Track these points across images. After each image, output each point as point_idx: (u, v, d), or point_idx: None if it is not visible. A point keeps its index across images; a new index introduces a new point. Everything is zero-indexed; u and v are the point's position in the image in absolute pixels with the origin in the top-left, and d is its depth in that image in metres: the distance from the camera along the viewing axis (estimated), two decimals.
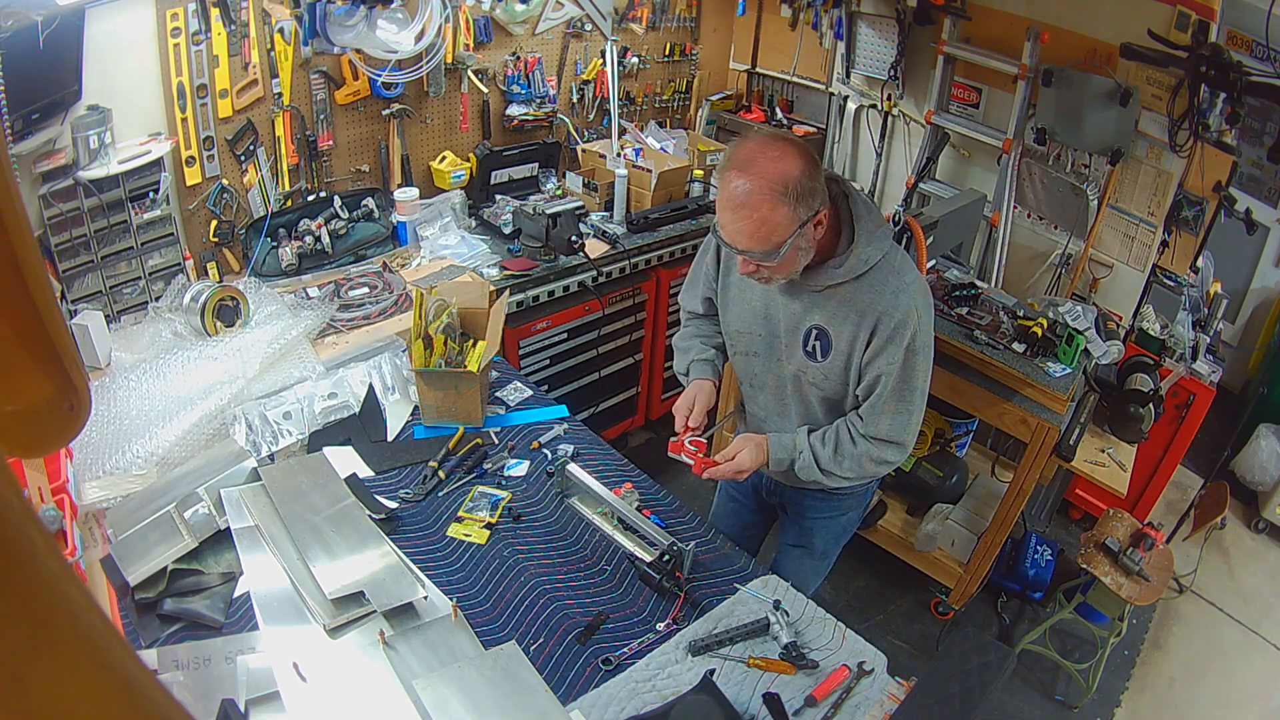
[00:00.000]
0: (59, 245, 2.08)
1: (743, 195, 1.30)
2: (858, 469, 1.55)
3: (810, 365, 1.54)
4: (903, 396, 1.49)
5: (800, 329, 1.51)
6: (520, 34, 3.00)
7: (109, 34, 2.07)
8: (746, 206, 1.30)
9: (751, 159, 1.30)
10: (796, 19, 3.46)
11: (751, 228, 1.32)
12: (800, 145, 1.34)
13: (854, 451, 1.53)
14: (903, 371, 1.46)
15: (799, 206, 1.31)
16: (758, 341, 1.61)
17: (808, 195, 1.31)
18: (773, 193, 1.29)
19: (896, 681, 1.41)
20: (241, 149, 2.46)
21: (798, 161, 1.30)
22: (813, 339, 1.51)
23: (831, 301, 1.47)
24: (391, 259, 2.70)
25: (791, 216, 1.31)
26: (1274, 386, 3.58)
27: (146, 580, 1.44)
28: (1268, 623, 2.95)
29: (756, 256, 1.35)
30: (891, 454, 1.54)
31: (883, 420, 1.50)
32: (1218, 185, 2.71)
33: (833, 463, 1.54)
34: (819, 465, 1.55)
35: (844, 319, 1.46)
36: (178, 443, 1.77)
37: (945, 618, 2.79)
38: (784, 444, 1.57)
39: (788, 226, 1.31)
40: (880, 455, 1.53)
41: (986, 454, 3.20)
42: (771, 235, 1.32)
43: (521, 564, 1.59)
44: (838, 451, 1.54)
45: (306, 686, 1.28)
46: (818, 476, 1.56)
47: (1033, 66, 2.76)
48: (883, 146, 3.43)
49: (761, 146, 1.32)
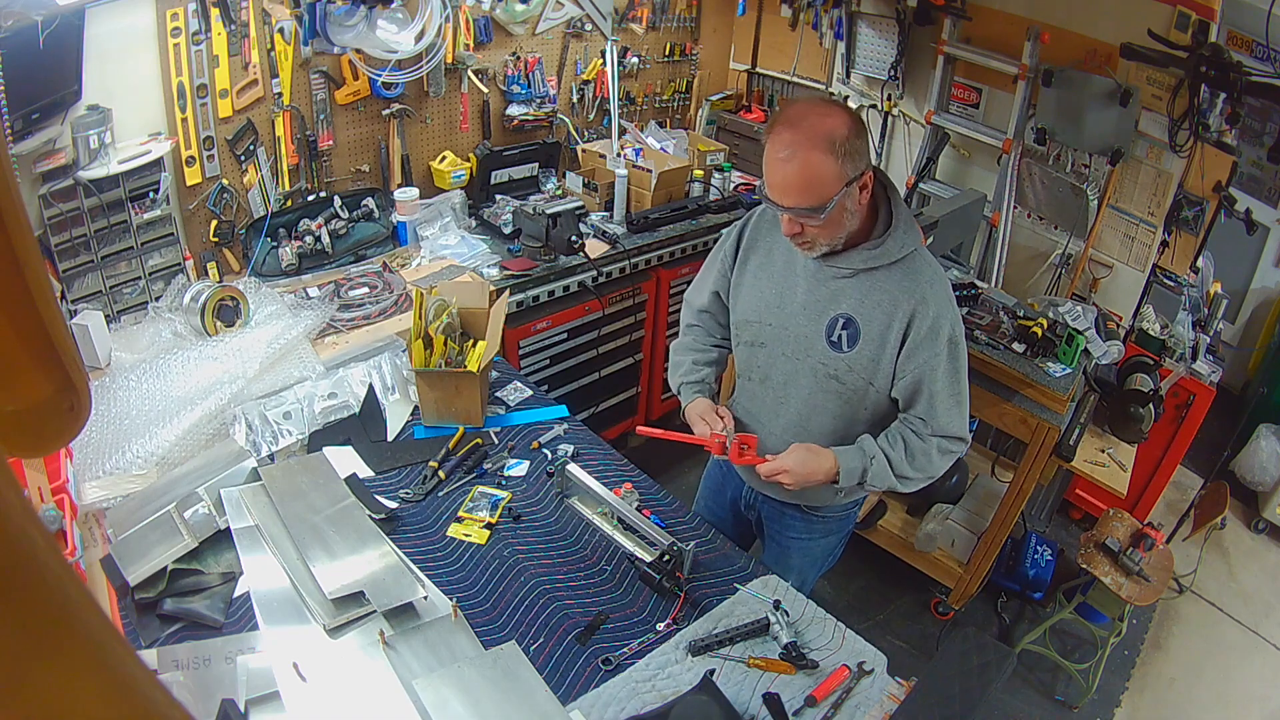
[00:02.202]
0: (59, 245, 2.08)
1: (791, 148, 1.30)
2: (928, 466, 1.53)
3: (834, 356, 1.50)
4: (955, 389, 1.49)
5: (824, 318, 1.49)
6: (520, 34, 3.01)
7: (109, 34, 2.07)
8: (795, 160, 1.30)
9: (802, 115, 1.32)
10: (796, 19, 3.46)
11: (801, 181, 1.31)
12: (845, 106, 1.37)
13: (923, 448, 1.51)
14: (950, 364, 1.46)
15: (846, 163, 1.31)
16: (767, 332, 1.58)
17: (855, 154, 1.31)
18: (820, 146, 1.29)
19: (896, 681, 1.41)
20: (241, 149, 2.46)
21: (845, 119, 1.32)
22: (839, 328, 1.48)
23: (861, 288, 1.45)
24: (391, 259, 2.71)
25: (839, 172, 1.31)
26: (1274, 386, 3.58)
27: (146, 580, 1.44)
28: (1268, 623, 2.95)
29: (804, 212, 1.34)
30: (956, 446, 1.53)
31: (943, 416, 1.49)
32: (1218, 185, 2.71)
33: (906, 464, 1.51)
34: (892, 469, 1.51)
35: (875, 306, 1.45)
36: (178, 443, 1.77)
37: (945, 618, 2.79)
38: (852, 453, 1.52)
39: (835, 181, 1.31)
40: (946, 448, 1.53)
41: (986, 454, 3.20)
42: (819, 188, 1.32)
43: (521, 564, 1.59)
44: (908, 451, 1.51)
45: (306, 686, 1.28)
46: (891, 482, 1.52)
47: (1033, 66, 2.77)
48: (883, 146, 3.43)
49: (810, 105, 1.34)
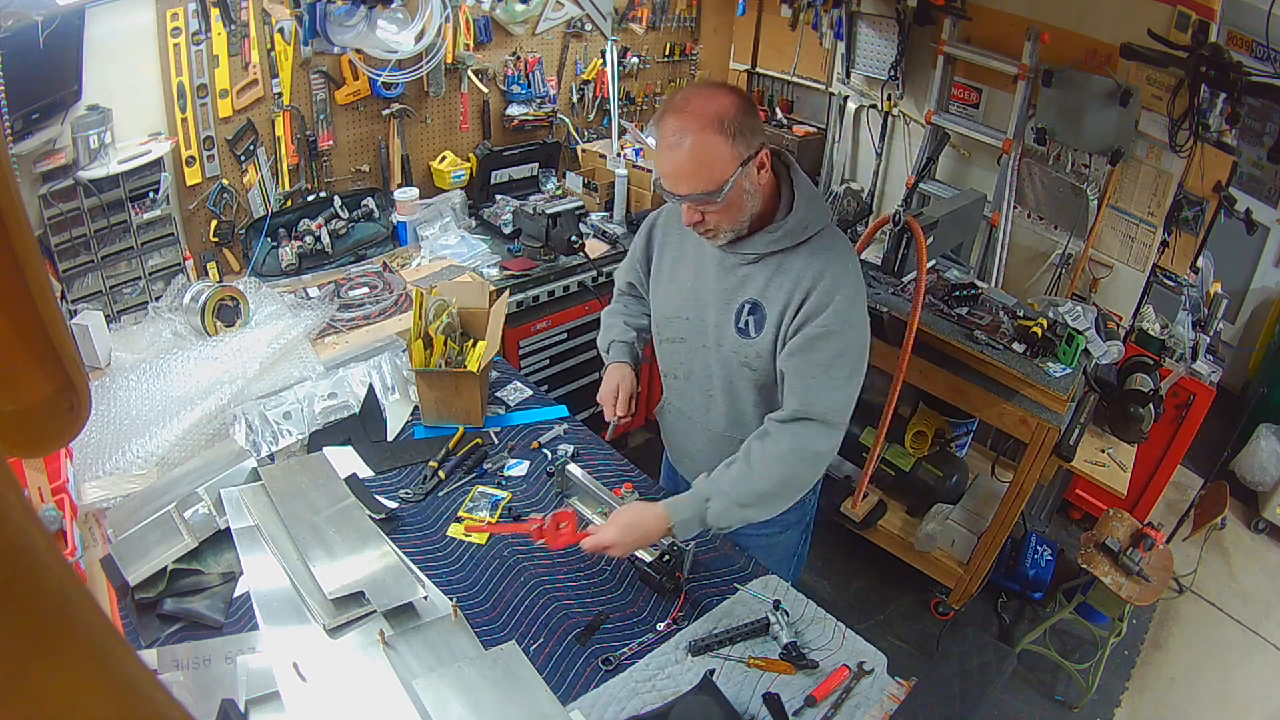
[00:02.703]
0: (59, 245, 2.08)
1: (679, 133, 1.28)
2: (785, 471, 1.39)
3: (743, 344, 1.46)
4: (833, 366, 1.37)
5: (733, 305, 1.46)
6: (520, 34, 3.01)
7: (109, 34, 2.07)
8: (685, 144, 1.28)
9: (687, 100, 1.29)
10: (796, 19, 3.45)
11: (691, 165, 1.29)
12: (733, 87, 1.34)
13: (772, 452, 1.37)
14: (832, 337, 1.36)
15: (738, 142, 1.28)
16: (685, 326, 1.55)
17: (747, 132, 1.29)
18: (710, 128, 1.26)
19: (896, 681, 1.41)
20: (241, 149, 2.46)
21: (733, 98, 1.29)
22: (745, 314, 1.44)
23: (766, 271, 1.41)
24: (391, 259, 2.71)
25: (731, 152, 1.28)
26: (1274, 386, 3.58)
27: (146, 580, 1.44)
28: (1268, 623, 2.95)
29: (701, 198, 1.31)
30: (821, 441, 1.38)
31: (809, 392, 1.37)
32: (1218, 185, 2.71)
33: (748, 477, 1.37)
34: (732, 495, 1.37)
35: (778, 288, 1.40)
36: (178, 443, 1.77)
37: (945, 618, 2.79)
38: (684, 502, 1.40)
39: (729, 162, 1.28)
40: (808, 445, 1.38)
41: (986, 454, 3.20)
42: (712, 171, 1.29)
43: (521, 564, 1.59)
44: (750, 462, 1.37)
45: (306, 686, 1.28)
46: (744, 513, 1.39)
47: (1033, 66, 2.76)
48: (883, 147, 3.42)
49: (695, 89, 1.32)
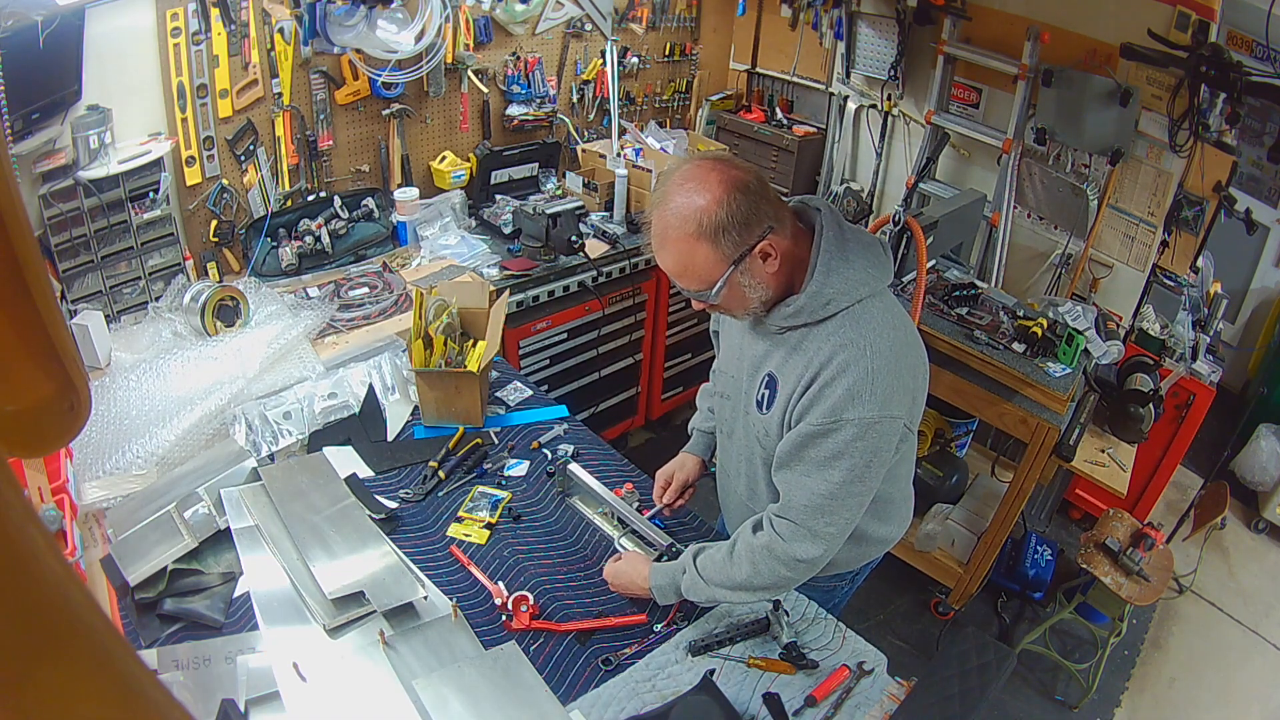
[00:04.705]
0: (59, 245, 2.08)
1: (660, 236, 1.21)
2: (762, 567, 1.29)
3: (759, 418, 1.36)
4: (826, 468, 1.23)
5: (758, 375, 1.36)
6: (520, 34, 3.00)
7: (109, 34, 2.07)
8: (665, 250, 1.21)
9: (666, 196, 1.19)
10: (796, 19, 3.45)
11: (677, 269, 1.22)
12: (724, 173, 1.17)
13: (755, 544, 1.30)
14: (830, 435, 1.21)
15: (723, 243, 1.16)
16: (730, 383, 1.48)
17: (735, 228, 1.16)
18: (686, 233, 1.17)
19: (896, 681, 1.41)
20: (241, 149, 2.46)
21: (717, 192, 1.15)
22: (763, 386, 1.34)
23: (786, 346, 1.29)
24: (391, 259, 2.71)
25: (714, 255, 1.18)
26: (1274, 386, 3.58)
27: (146, 580, 1.44)
28: (1268, 623, 2.95)
29: (694, 295, 1.25)
30: (802, 548, 1.26)
31: (791, 491, 1.27)
32: (1218, 185, 2.71)
33: (726, 563, 1.32)
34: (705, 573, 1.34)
35: (792, 368, 1.28)
36: (178, 443, 1.77)
37: (945, 618, 2.79)
38: (665, 567, 1.42)
39: (715, 265, 1.19)
40: (788, 549, 1.26)
41: (986, 454, 3.20)
42: (698, 275, 1.21)
43: (521, 564, 1.59)
44: (732, 548, 1.33)
45: (306, 686, 1.28)
46: (716, 593, 1.35)
47: (1033, 66, 2.76)
48: (883, 146, 3.42)
49: (680, 181, 1.19)
